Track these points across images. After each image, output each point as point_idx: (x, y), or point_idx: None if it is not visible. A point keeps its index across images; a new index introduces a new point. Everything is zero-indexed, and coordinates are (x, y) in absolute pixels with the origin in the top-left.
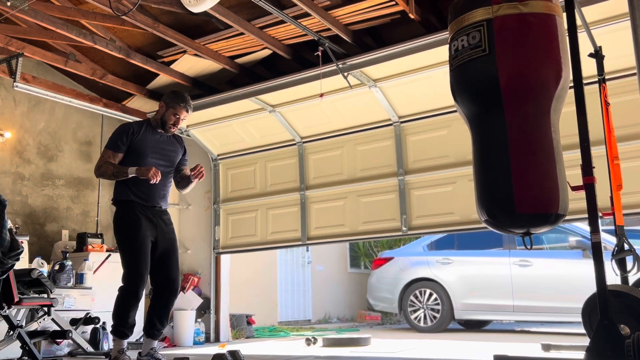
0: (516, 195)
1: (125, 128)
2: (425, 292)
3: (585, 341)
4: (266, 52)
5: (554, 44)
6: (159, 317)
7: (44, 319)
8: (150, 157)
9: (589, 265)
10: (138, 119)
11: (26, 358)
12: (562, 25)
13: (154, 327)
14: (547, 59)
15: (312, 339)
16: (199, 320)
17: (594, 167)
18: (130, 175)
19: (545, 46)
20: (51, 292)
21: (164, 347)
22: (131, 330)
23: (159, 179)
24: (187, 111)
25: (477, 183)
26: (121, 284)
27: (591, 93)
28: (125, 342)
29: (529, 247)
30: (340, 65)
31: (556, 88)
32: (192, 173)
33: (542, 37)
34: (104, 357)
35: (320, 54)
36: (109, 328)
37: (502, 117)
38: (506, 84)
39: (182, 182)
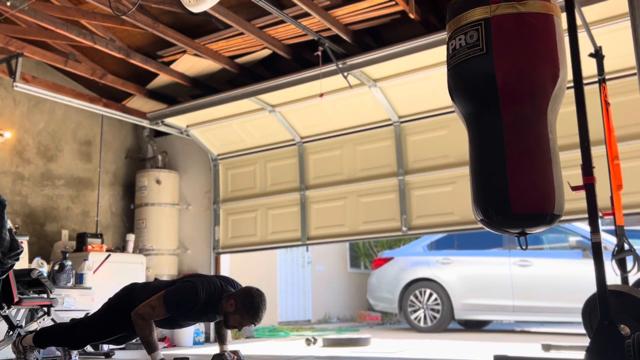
0: (511, 195)
1: (193, 299)
2: (425, 292)
3: (585, 341)
4: (266, 52)
5: (552, 43)
6: None
7: (43, 319)
8: (185, 321)
9: (589, 265)
10: (137, 120)
11: None
12: (560, 25)
13: None
14: (545, 59)
15: (312, 339)
16: None
17: (594, 167)
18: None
19: (543, 46)
20: (51, 292)
21: (164, 347)
22: None
23: None
24: (255, 325)
25: (473, 182)
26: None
27: (591, 93)
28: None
29: (524, 247)
30: (340, 65)
31: (553, 88)
32: None
33: (539, 37)
34: (103, 357)
35: (320, 53)
36: None
37: (498, 116)
38: (503, 84)
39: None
